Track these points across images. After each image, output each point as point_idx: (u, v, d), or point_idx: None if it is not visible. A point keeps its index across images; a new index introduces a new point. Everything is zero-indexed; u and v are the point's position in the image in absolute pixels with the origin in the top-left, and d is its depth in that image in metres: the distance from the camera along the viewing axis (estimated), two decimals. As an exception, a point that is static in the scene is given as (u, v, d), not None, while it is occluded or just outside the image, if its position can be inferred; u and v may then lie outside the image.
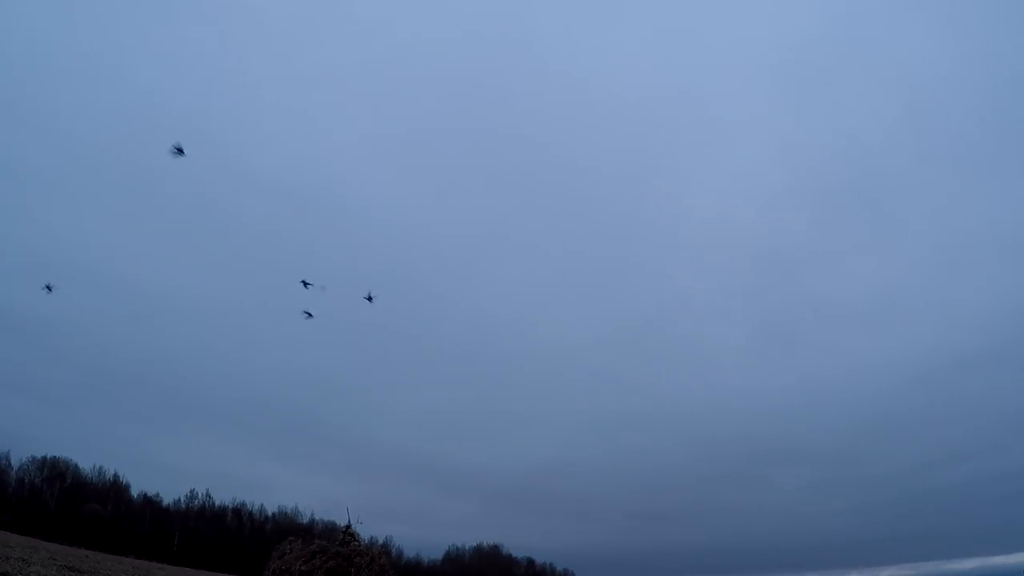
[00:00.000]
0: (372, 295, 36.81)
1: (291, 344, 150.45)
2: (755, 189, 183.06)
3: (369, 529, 37.62)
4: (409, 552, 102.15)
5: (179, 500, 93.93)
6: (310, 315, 34.72)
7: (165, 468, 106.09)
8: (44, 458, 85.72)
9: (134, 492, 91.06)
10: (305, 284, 32.56)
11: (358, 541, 29.73)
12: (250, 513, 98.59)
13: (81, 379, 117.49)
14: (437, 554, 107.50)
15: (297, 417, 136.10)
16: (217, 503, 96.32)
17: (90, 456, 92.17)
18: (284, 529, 79.77)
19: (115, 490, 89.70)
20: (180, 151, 33.11)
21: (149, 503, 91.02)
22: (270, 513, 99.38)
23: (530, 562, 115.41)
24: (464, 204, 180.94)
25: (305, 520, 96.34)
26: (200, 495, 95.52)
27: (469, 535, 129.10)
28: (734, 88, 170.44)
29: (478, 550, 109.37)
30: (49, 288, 39.94)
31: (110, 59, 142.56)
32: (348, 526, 28.50)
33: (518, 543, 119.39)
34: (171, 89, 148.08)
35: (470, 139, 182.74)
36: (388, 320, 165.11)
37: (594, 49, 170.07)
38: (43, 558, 34.41)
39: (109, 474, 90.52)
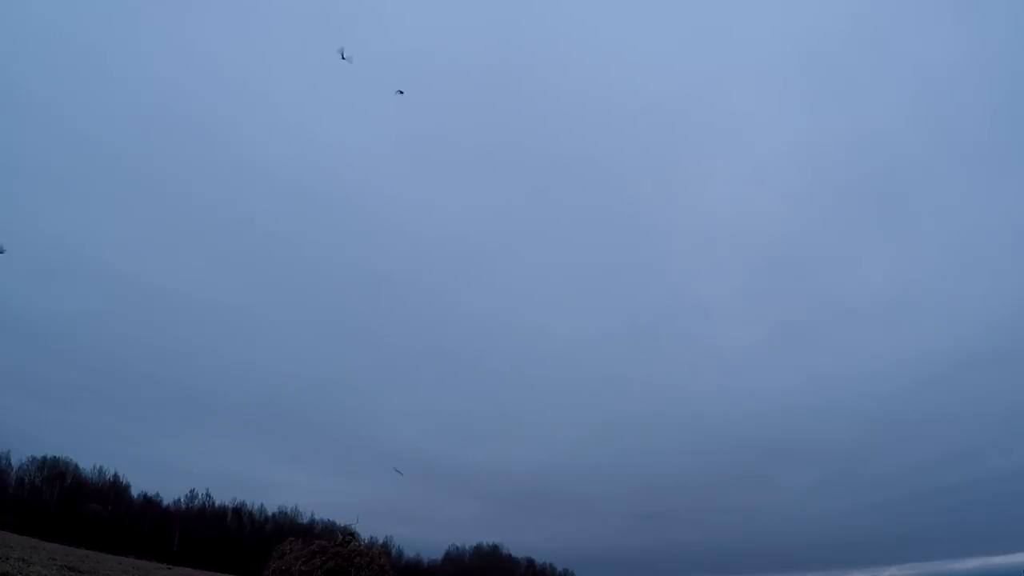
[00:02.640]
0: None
1: (295, 343, 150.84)
2: (771, 188, 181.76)
3: (369, 529, 37.52)
4: (409, 552, 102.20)
5: (179, 500, 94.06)
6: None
7: (165, 468, 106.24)
8: (44, 458, 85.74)
9: (134, 492, 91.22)
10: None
11: (358, 541, 29.67)
12: (250, 513, 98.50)
13: (82, 379, 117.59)
14: (437, 554, 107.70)
15: (299, 416, 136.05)
16: (217, 503, 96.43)
17: (90, 456, 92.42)
18: (284, 529, 79.72)
19: (115, 490, 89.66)
20: None
21: (149, 503, 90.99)
22: (270, 513, 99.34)
23: (530, 562, 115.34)
24: (475, 201, 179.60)
25: (305, 520, 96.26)
26: (200, 495, 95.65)
27: (470, 535, 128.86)
28: (750, 87, 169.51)
29: (478, 550, 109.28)
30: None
31: (119, 56, 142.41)
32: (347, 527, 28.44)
33: (519, 543, 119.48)
34: (179, 85, 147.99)
35: (482, 137, 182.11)
36: (391, 319, 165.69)
37: (610, 48, 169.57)
38: (43, 558, 34.33)
39: (109, 474, 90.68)
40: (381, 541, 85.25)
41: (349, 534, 29.45)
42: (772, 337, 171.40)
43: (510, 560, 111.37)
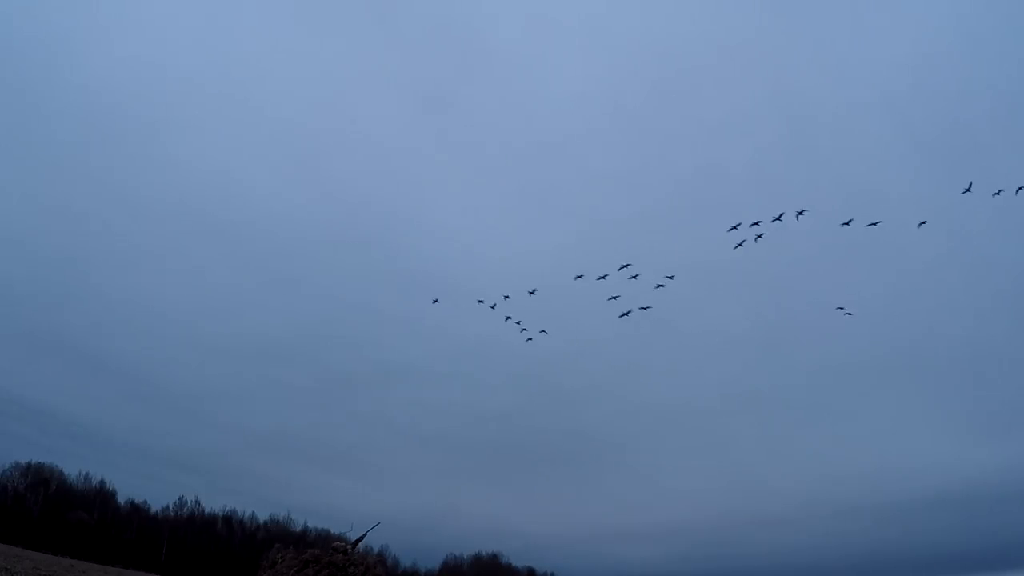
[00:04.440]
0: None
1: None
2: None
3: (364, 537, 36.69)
4: (406, 561, 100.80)
5: (167, 507, 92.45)
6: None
7: (153, 475, 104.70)
8: (28, 464, 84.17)
9: (121, 499, 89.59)
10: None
11: (352, 550, 28.99)
12: (241, 520, 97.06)
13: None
14: (435, 563, 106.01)
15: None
16: (207, 510, 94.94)
17: (75, 462, 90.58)
18: (276, 537, 78.41)
19: (101, 497, 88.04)
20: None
21: (136, 510, 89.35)
22: (261, 521, 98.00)
23: (531, 571, 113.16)
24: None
25: (298, 528, 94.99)
26: (189, 502, 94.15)
27: (467, 542, 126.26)
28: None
29: (477, 559, 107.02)
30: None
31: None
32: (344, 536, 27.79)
33: (518, 550, 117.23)
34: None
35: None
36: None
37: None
38: (27, 568, 33.50)
39: (95, 480, 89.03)
40: (376, 550, 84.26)
41: (343, 542, 28.79)
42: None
43: (510, 569, 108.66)
